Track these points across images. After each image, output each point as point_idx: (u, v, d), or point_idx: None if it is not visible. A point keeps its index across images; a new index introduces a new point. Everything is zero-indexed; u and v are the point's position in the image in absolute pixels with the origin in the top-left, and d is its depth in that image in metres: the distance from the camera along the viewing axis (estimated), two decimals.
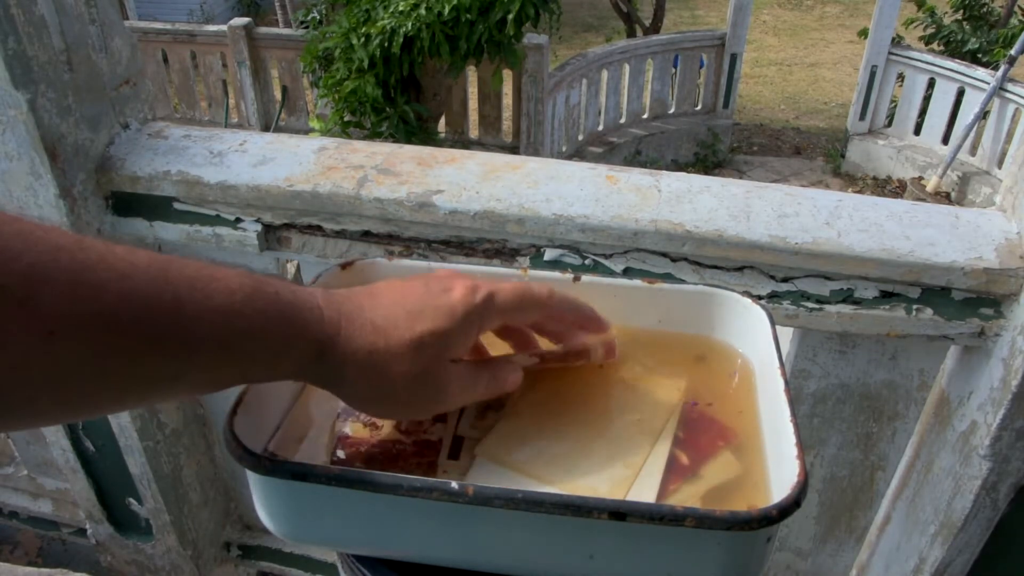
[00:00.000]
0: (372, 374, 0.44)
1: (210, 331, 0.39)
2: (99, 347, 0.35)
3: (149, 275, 0.37)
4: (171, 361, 0.38)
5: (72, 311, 0.34)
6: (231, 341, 0.40)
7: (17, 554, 1.77)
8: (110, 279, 0.35)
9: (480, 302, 0.47)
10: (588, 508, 0.40)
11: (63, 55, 1.01)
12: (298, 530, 0.46)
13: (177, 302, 0.37)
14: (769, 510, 0.40)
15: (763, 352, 0.56)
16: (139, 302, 0.36)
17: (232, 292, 0.40)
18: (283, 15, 9.28)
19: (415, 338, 0.44)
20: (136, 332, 0.36)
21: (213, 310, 0.39)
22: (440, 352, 0.45)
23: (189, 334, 0.38)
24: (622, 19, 9.30)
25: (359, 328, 0.44)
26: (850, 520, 1.30)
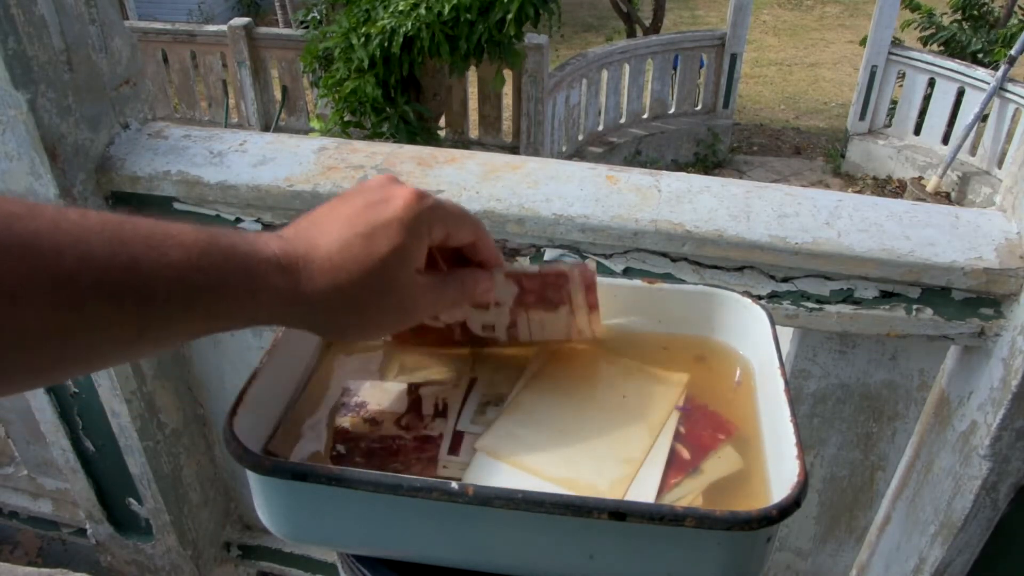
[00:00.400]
0: (341, 307, 0.45)
1: (168, 288, 0.39)
2: (61, 310, 0.36)
3: (104, 237, 0.38)
4: (133, 319, 0.39)
5: (31, 277, 0.35)
6: (191, 296, 0.40)
7: (17, 554, 1.77)
8: (66, 243, 0.36)
9: (425, 208, 0.48)
10: (588, 508, 0.40)
11: (63, 55, 1.01)
12: (298, 530, 0.46)
13: (134, 262, 0.38)
14: (769, 510, 0.40)
15: (763, 352, 0.56)
16: (96, 264, 0.37)
17: (188, 248, 0.40)
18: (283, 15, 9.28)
19: (374, 261, 0.45)
20: (96, 294, 0.37)
21: (169, 267, 0.39)
22: (400, 267, 0.46)
23: (148, 292, 0.39)
24: (622, 19, 9.30)
25: (318, 267, 0.45)
26: (850, 520, 1.30)
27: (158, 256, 0.39)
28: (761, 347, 0.57)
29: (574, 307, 0.58)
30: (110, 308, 0.38)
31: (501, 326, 0.59)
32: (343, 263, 0.45)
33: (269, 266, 0.43)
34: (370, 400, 0.56)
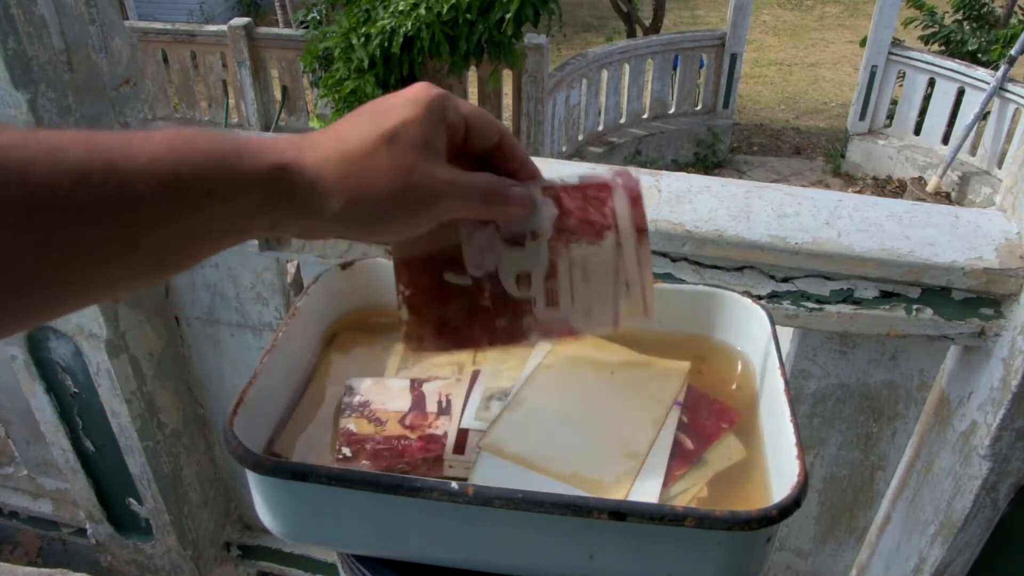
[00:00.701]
0: (350, 181, 0.41)
1: (151, 185, 0.36)
2: (40, 226, 0.34)
3: (78, 144, 0.35)
4: (119, 229, 0.36)
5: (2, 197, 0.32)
6: (179, 190, 0.37)
7: (17, 554, 1.77)
8: (36, 155, 0.34)
9: (440, 93, 0.44)
10: (588, 508, 0.40)
11: (63, 55, 1.01)
12: (298, 530, 0.46)
13: (109, 163, 0.35)
14: (769, 510, 0.40)
15: (763, 352, 0.56)
16: (70, 172, 0.34)
17: (168, 140, 0.37)
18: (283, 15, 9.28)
19: (385, 131, 0.42)
20: (73, 203, 0.34)
21: (150, 162, 0.36)
22: (415, 142, 0.42)
23: (129, 193, 0.36)
24: (622, 19, 9.30)
25: (322, 143, 0.41)
26: (850, 520, 1.30)
27: (136, 153, 0.36)
28: (761, 347, 0.57)
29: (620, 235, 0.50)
30: (94, 216, 0.35)
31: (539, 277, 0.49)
32: (348, 135, 0.42)
33: (263, 143, 0.40)
34: (373, 399, 0.56)
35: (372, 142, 0.41)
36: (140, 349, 1.27)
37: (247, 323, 1.29)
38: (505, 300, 0.49)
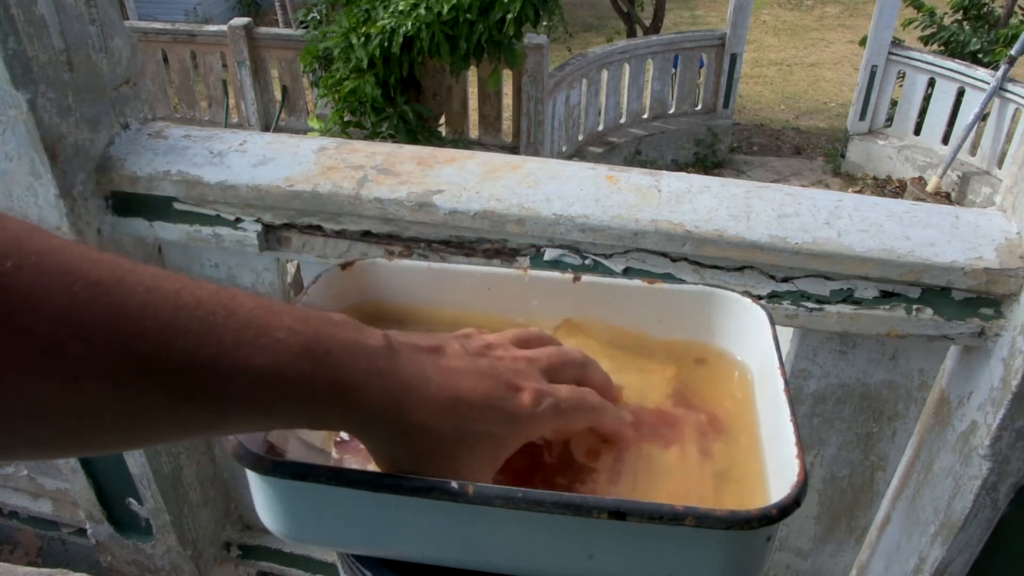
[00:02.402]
0: (416, 452, 0.42)
1: (246, 393, 0.36)
2: (126, 397, 0.33)
3: (192, 325, 0.34)
4: (200, 415, 0.36)
5: (101, 361, 0.32)
6: (268, 403, 0.37)
7: (17, 554, 1.77)
8: (148, 329, 0.33)
9: (543, 413, 0.45)
10: (588, 507, 0.40)
11: (63, 55, 1.01)
12: (298, 530, 0.46)
13: (214, 361, 0.35)
14: (769, 509, 0.40)
15: (763, 352, 0.56)
16: (174, 358, 0.34)
17: (278, 353, 0.37)
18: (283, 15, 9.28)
19: (470, 434, 0.43)
20: (167, 386, 0.34)
21: (254, 372, 0.36)
22: (487, 454, 0.44)
23: (223, 394, 0.36)
24: (622, 19, 9.31)
25: (419, 405, 0.41)
26: (850, 520, 1.30)
27: (243, 358, 0.35)
28: (761, 347, 0.57)
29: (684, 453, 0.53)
30: (178, 402, 0.35)
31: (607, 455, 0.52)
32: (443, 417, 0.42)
33: (366, 387, 0.40)
34: None
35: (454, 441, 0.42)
36: None
37: None
38: (570, 463, 0.52)
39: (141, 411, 0.34)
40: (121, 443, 0.37)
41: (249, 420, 0.38)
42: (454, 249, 1.04)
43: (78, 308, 0.31)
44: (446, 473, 0.43)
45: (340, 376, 0.39)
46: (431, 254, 1.05)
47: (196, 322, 0.34)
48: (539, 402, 0.45)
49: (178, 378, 0.34)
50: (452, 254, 1.05)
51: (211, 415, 0.37)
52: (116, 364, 0.32)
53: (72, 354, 0.31)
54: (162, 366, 0.33)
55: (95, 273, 0.32)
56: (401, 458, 0.43)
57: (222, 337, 0.35)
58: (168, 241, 1.17)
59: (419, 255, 1.05)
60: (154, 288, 0.34)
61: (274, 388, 0.37)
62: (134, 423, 0.35)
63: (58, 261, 0.31)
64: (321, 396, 0.38)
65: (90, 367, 0.32)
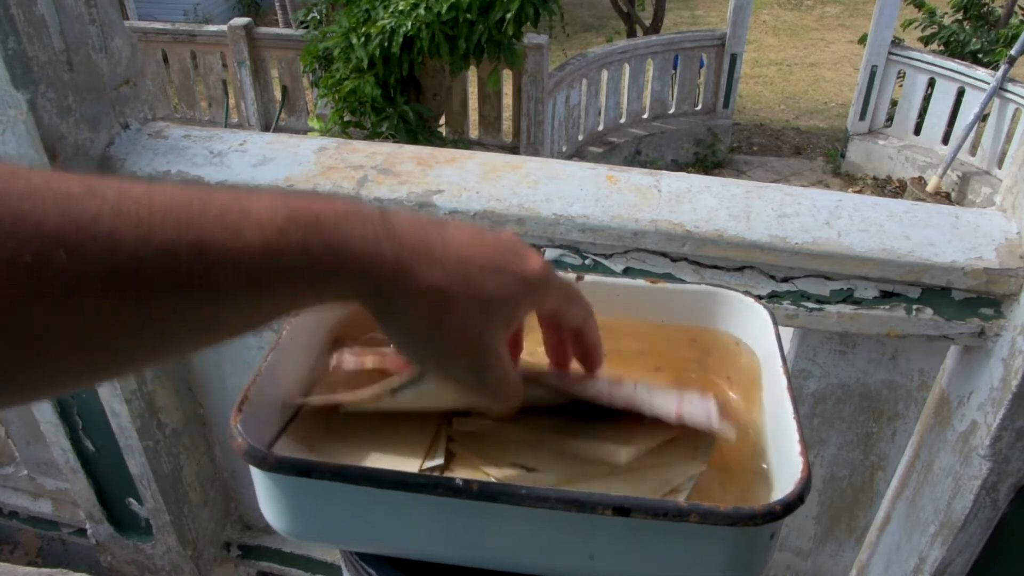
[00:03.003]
0: (430, 318, 0.41)
1: (239, 275, 0.35)
2: (120, 303, 0.33)
3: (169, 218, 0.34)
4: (199, 309, 0.35)
5: (86, 270, 0.31)
6: (266, 281, 0.36)
7: (17, 554, 1.77)
8: (125, 228, 0.32)
9: (548, 279, 0.46)
10: (592, 504, 0.40)
11: (63, 55, 1.01)
12: (303, 527, 0.46)
13: (199, 247, 0.34)
14: (773, 506, 0.40)
15: (765, 351, 0.57)
16: (158, 251, 0.33)
17: (263, 227, 0.36)
18: (283, 15, 9.28)
19: (485, 296, 0.42)
20: (157, 284, 0.33)
21: (240, 251, 0.35)
22: (501, 317, 0.43)
23: (215, 281, 0.35)
24: (622, 19, 9.31)
25: (427, 267, 0.40)
26: (850, 520, 1.30)
27: (229, 238, 0.35)
28: (763, 346, 0.57)
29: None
30: (173, 299, 0.34)
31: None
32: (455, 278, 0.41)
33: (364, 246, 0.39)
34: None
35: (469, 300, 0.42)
36: None
37: None
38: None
39: (142, 316, 0.34)
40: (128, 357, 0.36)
41: (255, 307, 0.37)
42: None
43: (52, 221, 0.31)
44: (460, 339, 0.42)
45: (336, 242, 0.38)
46: None
47: (172, 216, 0.34)
48: (548, 271, 0.45)
49: (167, 274, 0.33)
50: None
51: (213, 308, 0.36)
52: (103, 269, 0.32)
53: (58, 267, 0.31)
54: (148, 262, 0.33)
55: (64, 188, 0.32)
56: (414, 325, 0.41)
57: (202, 224, 0.34)
58: None
59: None
60: (124, 192, 0.34)
61: (267, 266, 0.36)
62: (135, 331, 0.34)
63: (24, 183, 0.31)
64: (319, 266, 0.37)
65: (78, 278, 0.31)
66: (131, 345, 0.35)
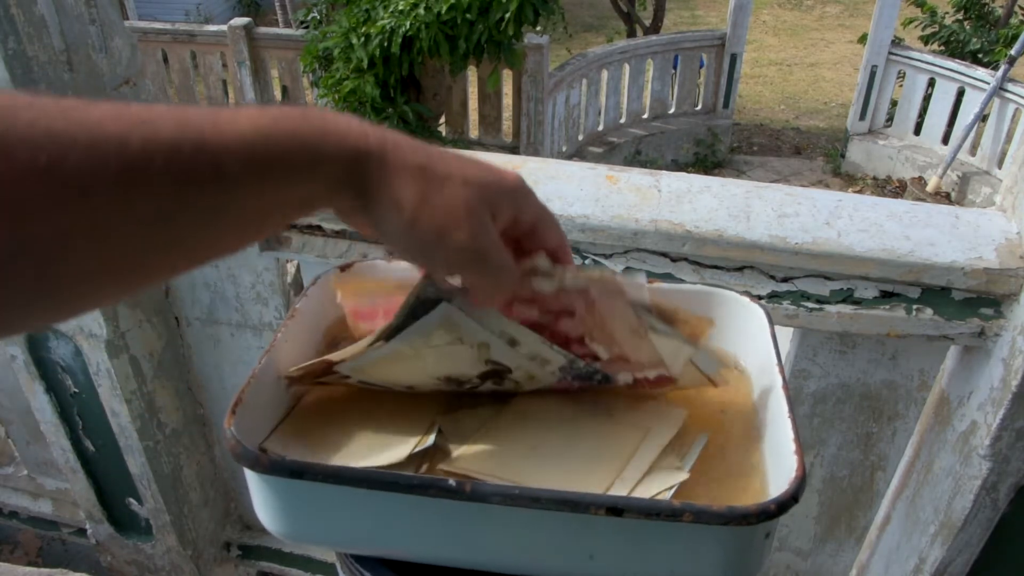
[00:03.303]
0: (416, 195, 0.43)
1: (238, 160, 0.38)
2: (135, 197, 0.35)
3: (168, 118, 0.36)
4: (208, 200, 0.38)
5: (99, 167, 0.33)
6: (263, 165, 0.39)
7: (17, 554, 1.77)
8: (130, 127, 0.35)
9: (526, 188, 0.48)
10: (585, 504, 0.40)
11: (63, 55, 1.01)
12: (297, 529, 0.46)
13: (201, 139, 0.37)
14: (767, 505, 0.40)
15: (762, 351, 0.56)
16: (164, 146, 0.35)
17: (255, 119, 0.39)
18: (283, 15, 9.28)
19: (467, 176, 0.44)
20: (166, 175, 0.35)
21: (239, 138, 0.38)
22: (483, 200, 0.45)
23: (218, 167, 0.37)
24: (622, 19, 9.30)
25: (409, 151, 0.43)
26: (850, 520, 1.30)
27: (225, 131, 0.38)
28: (760, 346, 0.57)
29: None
30: (182, 190, 0.36)
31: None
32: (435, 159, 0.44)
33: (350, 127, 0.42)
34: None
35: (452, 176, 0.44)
36: (140, 349, 1.27)
37: (247, 323, 1.29)
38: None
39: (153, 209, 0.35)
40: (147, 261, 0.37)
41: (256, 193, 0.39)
42: None
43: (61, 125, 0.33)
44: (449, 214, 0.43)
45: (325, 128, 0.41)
46: None
47: (170, 116, 0.36)
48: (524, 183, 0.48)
49: (174, 165, 0.36)
50: None
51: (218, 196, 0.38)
52: (115, 167, 0.34)
53: (72, 166, 0.32)
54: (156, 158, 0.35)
55: (66, 102, 0.34)
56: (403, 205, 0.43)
57: (199, 122, 0.37)
58: None
59: None
60: (121, 104, 0.36)
61: (263, 151, 0.38)
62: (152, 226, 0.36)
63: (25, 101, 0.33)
64: (310, 149, 0.40)
65: (92, 176, 0.33)
66: (148, 244, 0.37)
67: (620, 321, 0.52)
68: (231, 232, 0.40)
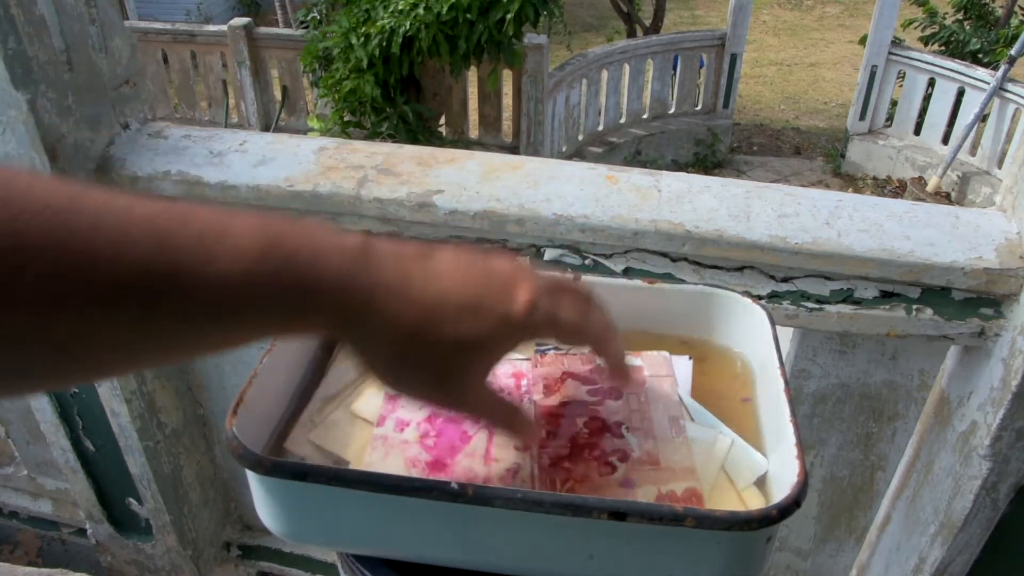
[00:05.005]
0: (401, 353, 0.40)
1: (210, 300, 0.35)
2: (95, 317, 0.33)
3: (147, 237, 0.34)
4: (169, 328, 0.35)
5: (63, 285, 0.32)
6: (236, 308, 0.36)
7: (17, 554, 1.77)
8: (103, 245, 0.32)
9: (539, 321, 0.42)
10: (588, 508, 0.40)
11: (63, 55, 1.01)
12: (298, 530, 0.46)
13: (174, 269, 0.34)
14: (769, 510, 0.40)
15: (763, 352, 0.56)
16: (133, 270, 0.33)
17: (241, 254, 0.36)
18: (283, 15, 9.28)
19: (458, 337, 0.40)
20: (132, 302, 0.34)
21: (215, 277, 0.35)
22: (476, 358, 0.42)
23: (190, 302, 0.35)
24: (622, 19, 9.30)
25: (400, 304, 0.39)
26: (850, 520, 1.30)
27: (205, 261, 0.35)
28: (761, 347, 0.57)
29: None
30: (147, 317, 0.34)
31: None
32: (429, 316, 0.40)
33: (336, 282, 0.38)
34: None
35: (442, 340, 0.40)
36: None
37: None
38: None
39: (113, 330, 0.34)
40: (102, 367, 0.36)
41: (224, 331, 0.37)
42: None
43: (29, 235, 0.31)
44: (438, 381, 0.41)
45: (308, 276, 0.37)
46: None
47: (150, 234, 0.34)
48: (535, 308, 0.42)
49: (139, 292, 0.33)
50: None
51: (181, 327, 0.36)
52: (77, 285, 0.32)
53: (32, 280, 0.31)
54: (122, 281, 0.33)
55: (44, 198, 0.32)
56: (390, 366, 0.41)
57: (179, 245, 0.34)
58: None
59: None
60: (106, 206, 0.34)
61: (239, 293, 0.36)
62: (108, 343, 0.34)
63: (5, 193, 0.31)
64: (289, 299, 0.37)
65: (53, 294, 0.31)
66: (108, 356, 0.35)
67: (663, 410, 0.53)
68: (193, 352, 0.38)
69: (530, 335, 0.43)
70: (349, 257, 0.39)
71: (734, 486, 0.49)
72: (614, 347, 0.48)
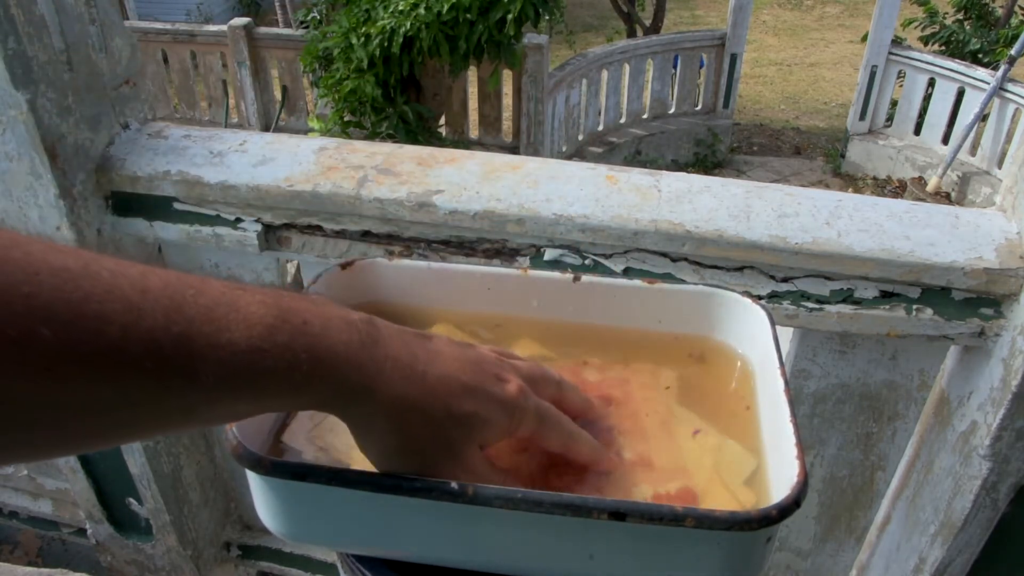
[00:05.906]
0: (404, 429, 0.42)
1: (220, 370, 0.35)
2: (100, 384, 0.33)
3: (159, 305, 0.34)
4: (178, 399, 0.35)
5: (71, 348, 0.31)
6: (246, 379, 0.37)
7: (17, 554, 1.77)
8: (115, 311, 0.32)
9: (530, 409, 0.46)
10: (588, 508, 0.40)
11: (63, 55, 1.01)
12: (298, 530, 0.46)
13: (185, 339, 0.34)
14: (769, 510, 0.40)
15: (763, 352, 0.56)
16: (144, 338, 0.33)
17: (251, 326, 0.36)
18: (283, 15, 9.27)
19: (463, 413, 0.43)
20: (140, 370, 0.34)
21: (226, 347, 0.35)
22: (475, 435, 0.44)
23: (197, 373, 0.35)
24: (622, 19, 9.30)
25: (407, 381, 0.41)
26: (850, 520, 1.30)
27: (214, 332, 0.35)
28: (761, 347, 0.57)
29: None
30: (153, 386, 0.34)
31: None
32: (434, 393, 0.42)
33: (345, 357, 0.39)
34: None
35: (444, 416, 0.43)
36: None
37: None
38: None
39: (119, 398, 0.34)
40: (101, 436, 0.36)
41: (231, 402, 0.37)
42: (454, 249, 1.04)
43: (44, 296, 0.31)
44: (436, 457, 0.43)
45: (319, 347, 0.38)
46: (431, 254, 1.05)
47: (163, 302, 0.34)
48: (525, 396, 0.46)
49: (150, 360, 0.33)
50: (452, 254, 1.05)
51: (190, 398, 0.36)
52: (86, 350, 0.32)
53: (41, 343, 0.31)
54: (132, 348, 0.33)
55: (59, 262, 0.32)
56: (389, 441, 0.42)
57: (191, 315, 0.35)
58: (168, 241, 1.17)
59: (419, 255, 1.05)
60: (120, 273, 0.34)
61: (249, 364, 0.36)
62: (111, 412, 0.34)
63: (22, 253, 0.31)
64: (299, 370, 0.38)
65: (61, 355, 0.31)
66: (108, 425, 0.35)
67: (654, 413, 0.54)
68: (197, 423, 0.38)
69: (516, 423, 0.46)
70: (358, 331, 0.40)
71: (726, 486, 0.50)
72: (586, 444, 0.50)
